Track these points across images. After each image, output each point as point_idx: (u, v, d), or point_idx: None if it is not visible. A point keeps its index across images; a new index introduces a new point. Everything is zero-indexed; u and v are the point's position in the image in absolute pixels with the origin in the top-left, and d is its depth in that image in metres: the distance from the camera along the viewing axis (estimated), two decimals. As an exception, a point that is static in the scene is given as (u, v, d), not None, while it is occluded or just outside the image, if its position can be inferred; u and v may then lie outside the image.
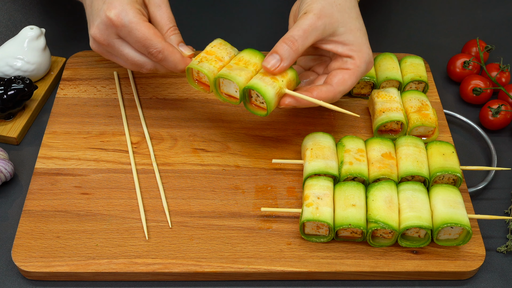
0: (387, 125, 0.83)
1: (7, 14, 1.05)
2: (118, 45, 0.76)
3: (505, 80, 0.93)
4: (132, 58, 0.76)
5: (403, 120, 0.82)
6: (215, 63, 0.75)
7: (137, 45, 0.74)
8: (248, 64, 0.75)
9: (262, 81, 0.73)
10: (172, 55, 0.75)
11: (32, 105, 0.88)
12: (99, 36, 0.75)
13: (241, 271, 0.71)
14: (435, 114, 0.83)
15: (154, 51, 0.74)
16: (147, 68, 0.77)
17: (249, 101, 0.76)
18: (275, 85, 0.73)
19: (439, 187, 0.75)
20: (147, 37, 0.73)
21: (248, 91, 0.75)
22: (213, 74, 0.75)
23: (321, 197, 0.73)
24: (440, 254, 0.73)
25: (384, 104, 0.83)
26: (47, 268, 0.70)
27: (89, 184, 0.78)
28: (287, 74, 0.74)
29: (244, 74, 0.74)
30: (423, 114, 0.83)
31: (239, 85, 0.73)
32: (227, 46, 0.78)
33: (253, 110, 0.76)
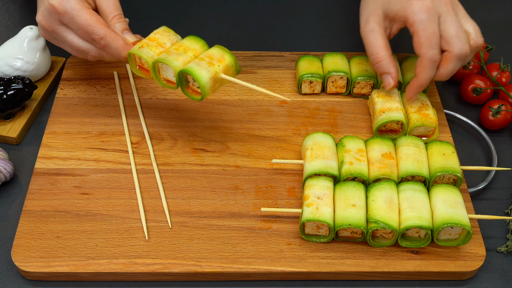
0: (387, 125, 0.83)
1: (6, 14, 1.05)
2: (62, 31, 0.78)
3: (506, 80, 0.93)
4: (76, 44, 0.78)
5: (403, 120, 0.82)
6: (155, 49, 0.76)
7: (80, 31, 0.76)
8: (188, 49, 0.76)
9: (197, 65, 0.74)
10: (114, 42, 0.76)
11: (32, 105, 0.88)
12: (44, 22, 0.78)
13: (241, 271, 0.71)
14: (435, 114, 0.83)
15: (97, 37, 0.76)
16: (91, 54, 0.79)
17: (186, 85, 0.77)
18: (210, 70, 0.73)
19: (439, 187, 0.75)
20: (89, 24, 0.75)
21: (185, 76, 0.76)
22: (152, 59, 0.76)
23: (321, 197, 0.73)
24: (440, 254, 0.73)
25: (384, 104, 0.83)
26: (47, 268, 0.70)
27: (89, 184, 0.78)
28: (225, 59, 0.75)
29: (182, 59, 0.75)
30: (423, 114, 0.83)
31: (175, 69, 0.74)
32: (170, 33, 0.79)
33: (189, 94, 0.77)
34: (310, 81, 0.89)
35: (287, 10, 1.08)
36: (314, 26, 1.06)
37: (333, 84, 0.89)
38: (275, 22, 1.06)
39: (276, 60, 0.95)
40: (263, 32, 1.04)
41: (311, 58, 0.91)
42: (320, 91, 0.90)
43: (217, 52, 0.76)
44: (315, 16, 1.08)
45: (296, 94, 0.91)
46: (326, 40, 1.03)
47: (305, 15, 1.07)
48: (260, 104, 0.89)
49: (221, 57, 0.75)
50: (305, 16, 1.07)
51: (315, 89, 0.90)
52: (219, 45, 0.77)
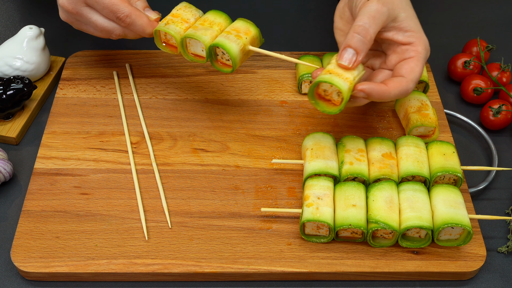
0: (327, 92, 0.72)
1: (6, 14, 1.05)
2: (87, 12, 0.79)
3: (506, 80, 0.93)
4: (101, 24, 0.79)
5: (343, 92, 0.70)
6: (181, 25, 0.79)
7: (105, 11, 0.77)
8: (213, 24, 0.79)
9: (226, 39, 0.76)
10: (139, 19, 0.78)
11: (31, 105, 0.88)
12: (67, 4, 0.78)
13: (241, 271, 0.71)
14: (435, 114, 0.83)
15: (122, 16, 0.77)
16: (116, 33, 0.80)
17: (215, 59, 0.79)
18: (239, 42, 0.76)
19: (440, 187, 0.75)
20: (114, 3, 0.76)
21: (214, 50, 0.78)
22: (179, 35, 0.78)
23: (321, 197, 0.73)
24: (441, 254, 0.73)
25: (337, 69, 0.72)
26: (46, 269, 0.70)
27: (88, 184, 0.78)
28: (250, 31, 0.78)
29: (210, 33, 0.77)
30: (423, 114, 0.83)
31: (205, 43, 0.77)
32: (192, 9, 0.81)
33: (219, 67, 0.79)
34: (310, 81, 0.89)
35: (287, 10, 1.08)
36: (315, 26, 1.06)
37: (333, 84, 0.89)
38: (275, 22, 1.06)
39: (277, 60, 0.95)
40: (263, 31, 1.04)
41: (311, 58, 0.91)
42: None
43: (242, 25, 0.79)
44: (315, 15, 1.08)
45: (296, 94, 0.90)
46: (327, 40, 1.03)
47: (305, 15, 1.07)
48: (260, 104, 0.89)
49: (247, 29, 0.78)
50: (306, 16, 1.07)
51: (315, 89, 0.90)
52: (242, 18, 0.79)
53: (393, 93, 0.72)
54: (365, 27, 0.71)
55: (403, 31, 0.75)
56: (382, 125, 0.87)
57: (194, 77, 0.92)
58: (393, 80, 0.73)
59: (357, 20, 0.72)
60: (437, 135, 0.83)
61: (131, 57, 0.94)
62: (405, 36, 0.75)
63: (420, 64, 0.74)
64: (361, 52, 0.71)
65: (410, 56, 0.74)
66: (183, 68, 0.93)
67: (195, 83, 0.91)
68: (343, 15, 0.80)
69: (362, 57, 0.71)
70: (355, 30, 0.71)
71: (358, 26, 0.71)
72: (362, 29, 0.71)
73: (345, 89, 0.70)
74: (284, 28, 1.05)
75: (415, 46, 0.74)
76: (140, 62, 0.94)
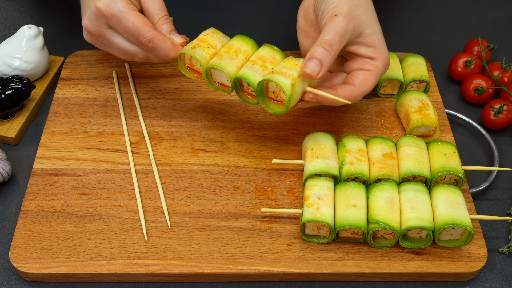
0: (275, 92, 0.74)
1: (5, 13, 1.04)
2: (109, 35, 0.77)
3: (507, 79, 0.93)
4: (124, 47, 0.78)
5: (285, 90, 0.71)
6: (207, 50, 0.76)
7: (127, 34, 0.76)
8: (239, 52, 0.76)
9: (251, 70, 0.73)
10: (162, 44, 0.76)
11: (30, 105, 0.88)
12: (90, 26, 0.77)
13: (241, 272, 0.70)
14: (436, 113, 0.83)
15: (144, 40, 0.75)
16: (139, 57, 0.78)
17: (241, 89, 0.76)
18: (265, 74, 0.73)
19: (441, 187, 0.74)
20: (136, 27, 0.75)
21: (239, 80, 0.75)
22: (205, 60, 0.75)
23: (321, 198, 0.72)
24: (442, 255, 0.72)
25: (282, 69, 0.73)
26: (45, 269, 0.70)
27: (87, 185, 0.78)
28: (276, 60, 0.75)
29: (235, 63, 0.74)
30: (423, 114, 0.82)
31: (230, 75, 0.74)
32: (219, 35, 0.78)
33: (245, 98, 0.76)
34: (310, 81, 0.88)
35: (287, 9, 1.08)
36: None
37: (333, 83, 0.89)
38: (275, 21, 1.06)
39: (276, 60, 0.95)
40: (263, 31, 1.04)
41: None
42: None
43: (268, 53, 0.75)
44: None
45: (296, 93, 0.90)
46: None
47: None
48: (260, 103, 0.88)
49: (272, 58, 0.75)
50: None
51: (316, 89, 0.89)
52: (268, 44, 0.77)
53: (341, 100, 0.74)
54: (331, 43, 0.72)
55: (365, 46, 0.76)
56: (383, 125, 0.86)
57: (194, 76, 0.92)
58: (344, 88, 0.75)
59: (324, 34, 0.73)
60: (438, 135, 0.83)
61: (131, 56, 0.94)
62: (367, 51, 0.76)
63: (374, 79, 0.76)
64: (326, 65, 0.72)
65: (367, 68, 0.76)
66: (182, 68, 0.93)
67: (195, 83, 0.91)
68: (307, 17, 0.79)
69: (326, 69, 0.72)
70: (321, 44, 0.72)
71: (324, 41, 0.72)
72: (328, 45, 0.72)
73: (286, 84, 0.70)
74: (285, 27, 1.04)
75: (375, 62, 0.76)
76: (140, 61, 0.93)
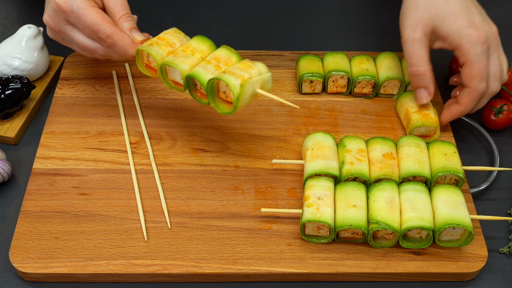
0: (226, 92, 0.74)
1: (4, 13, 1.04)
2: (69, 30, 0.78)
3: (508, 79, 0.93)
4: (84, 43, 0.78)
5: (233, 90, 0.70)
6: (165, 48, 0.76)
7: (87, 30, 0.76)
8: (195, 51, 0.75)
9: (204, 69, 0.73)
10: (121, 40, 0.76)
11: (30, 105, 0.87)
12: (51, 22, 0.78)
13: (241, 272, 0.70)
14: (436, 113, 0.83)
15: (103, 36, 0.76)
16: (99, 53, 0.78)
17: (194, 88, 0.76)
18: (217, 74, 0.72)
19: (441, 187, 0.74)
20: (95, 22, 0.75)
21: (192, 79, 0.75)
22: (161, 57, 0.75)
23: (321, 198, 0.72)
24: (442, 255, 0.72)
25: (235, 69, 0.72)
26: (45, 269, 0.70)
27: (87, 185, 0.78)
28: (231, 61, 0.74)
29: (189, 61, 0.74)
30: (423, 114, 0.82)
31: (182, 73, 0.74)
32: (180, 34, 0.78)
33: (197, 98, 0.76)
34: (310, 81, 0.88)
35: (287, 9, 1.08)
36: (315, 25, 1.05)
37: (333, 83, 0.89)
38: (276, 21, 1.06)
39: (276, 59, 0.95)
40: (263, 31, 1.04)
41: (311, 57, 0.90)
42: (321, 90, 0.90)
43: (224, 54, 0.75)
44: (315, 15, 1.07)
45: (296, 93, 0.90)
46: (327, 39, 1.03)
47: (305, 14, 1.07)
48: (260, 104, 0.88)
49: (227, 59, 0.74)
50: (306, 15, 1.07)
51: (316, 89, 0.89)
52: (226, 46, 0.76)
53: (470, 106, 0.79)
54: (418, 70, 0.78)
55: (443, 39, 0.78)
56: (383, 125, 0.86)
57: (193, 76, 0.91)
58: (462, 95, 0.79)
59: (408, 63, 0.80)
60: (438, 135, 0.83)
61: (131, 56, 0.94)
62: (447, 44, 0.78)
63: (472, 66, 0.76)
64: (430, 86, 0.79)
65: (462, 62, 0.78)
66: (182, 68, 0.92)
67: (194, 83, 0.91)
68: None
69: (433, 89, 0.80)
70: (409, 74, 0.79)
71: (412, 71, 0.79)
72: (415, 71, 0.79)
73: (234, 84, 0.70)
74: (285, 27, 1.04)
75: (461, 50, 0.77)
76: (140, 61, 0.93)
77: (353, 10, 1.08)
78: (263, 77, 0.72)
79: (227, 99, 0.74)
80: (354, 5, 1.09)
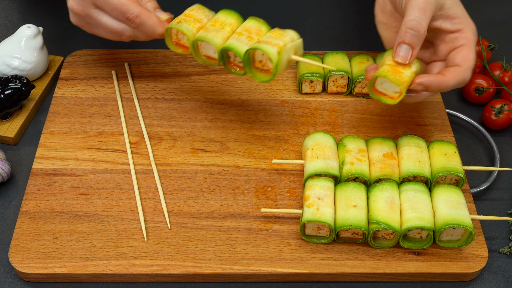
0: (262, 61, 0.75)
1: (4, 13, 1.04)
2: (96, 14, 0.78)
3: (508, 79, 0.93)
4: (111, 26, 0.78)
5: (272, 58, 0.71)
6: (193, 24, 0.77)
7: (114, 12, 0.76)
8: (224, 24, 0.77)
9: (238, 41, 0.74)
10: (149, 19, 0.77)
11: (30, 105, 0.87)
12: (76, 7, 0.78)
13: (241, 272, 0.70)
14: (410, 77, 0.73)
15: (131, 16, 0.76)
16: (126, 35, 0.79)
17: (228, 61, 0.77)
18: (251, 45, 0.74)
19: (441, 187, 0.74)
20: (122, 3, 0.76)
21: (225, 52, 0.76)
22: (192, 33, 0.76)
23: (322, 198, 0.72)
24: (442, 255, 0.72)
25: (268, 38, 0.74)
26: (44, 270, 0.69)
27: (87, 185, 0.77)
28: (262, 31, 0.76)
29: (221, 35, 0.75)
30: (395, 70, 0.73)
31: (216, 46, 0.75)
32: (205, 10, 0.80)
33: (232, 70, 0.77)
34: (310, 81, 0.88)
35: (287, 9, 1.07)
36: (315, 25, 1.05)
37: (334, 83, 0.89)
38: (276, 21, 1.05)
39: (276, 59, 0.94)
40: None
41: (311, 57, 0.90)
42: (321, 90, 0.90)
43: (254, 25, 0.77)
44: (316, 15, 1.07)
45: (296, 93, 0.90)
46: (327, 39, 1.03)
47: (305, 14, 1.07)
48: (260, 104, 0.88)
49: (258, 29, 0.76)
50: (306, 15, 1.07)
51: (316, 89, 0.89)
52: (253, 17, 0.78)
53: (452, 83, 0.73)
54: (417, 21, 0.71)
55: (450, 18, 0.75)
56: (383, 125, 0.86)
57: (193, 76, 0.91)
58: (450, 70, 0.74)
59: (408, 14, 0.72)
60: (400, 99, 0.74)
61: (130, 56, 0.94)
62: (453, 24, 0.75)
63: (472, 50, 0.74)
64: (416, 47, 0.72)
65: (461, 44, 0.75)
66: (182, 67, 0.92)
67: (194, 83, 0.91)
68: (385, 9, 0.79)
69: (417, 51, 0.72)
70: (407, 25, 0.71)
71: (410, 20, 0.71)
72: (415, 24, 0.71)
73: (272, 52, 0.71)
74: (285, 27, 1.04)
75: (464, 33, 0.75)
76: (139, 61, 0.93)
77: (354, 10, 1.08)
78: (295, 43, 0.75)
79: (263, 68, 0.75)
80: (354, 5, 1.09)
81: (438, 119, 0.87)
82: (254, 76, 0.75)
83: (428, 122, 0.86)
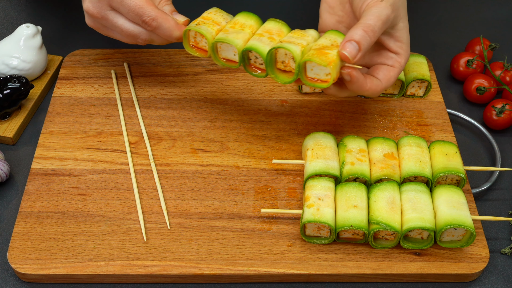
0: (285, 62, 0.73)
1: (3, 12, 1.04)
2: (112, 16, 0.77)
3: (509, 79, 0.92)
4: (127, 29, 0.77)
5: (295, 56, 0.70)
6: (212, 26, 0.76)
7: (130, 14, 0.75)
8: (244, 26, 0.75)
9: (260, 42, 0.73)
10: (166, 22, 0.75)
11: (28, 105, 0.87)
12: (92, 9, 0.77)
13: (241, 273, 0.70)
14: (338, 56, 0.70)
15: (148, 19, 0.75)
16: (142, 38, 0.78)
17: (248, 63, 0.76)
18: (273, 45, 0.72)
19: (442, 188, 0.74)
20: (139, 6, 0.74)
21: (246, 54, 0.75)
22: (211, 35, 0.75)
23: (322, 198, 0.72)
24: (443, 256, 0.72)
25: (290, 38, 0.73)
26: (43, 270, 0.69)
27: (86, 185, 0.77)
28: (284, 33, 0.75)
29: (242, 36, 0.74)
30: (322, 52, 0.70)
31: (238, 47, 0.73)
32: (223, 13, 0.78)
33: (253, 72, 0.76)
34: (310, 80, 0.88)
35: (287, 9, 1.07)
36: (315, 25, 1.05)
37: (334, 83, 0.88)
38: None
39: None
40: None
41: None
42: (321, 90, 0.89)
43: (274, 26, 0.76)
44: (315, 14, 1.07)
45: (296, 93, 0.90)
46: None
47: (305, 14, 1.06)
48: (260, 104, 0.88)
49: (279, 30, 0.75)
50: (306, 15, 1.06)
51: (316, 89, 0.89)
52: (273, 18, 0.77)
53: (367, 92, 0.73)
54: (373, 28, 0.70)
55: (395, 39, 0.75)
56: (384, 125, 0.86)
57: (193, 76, 0.91)
58: (371, 79, 0.74)
59: (367, 18, 0.71)
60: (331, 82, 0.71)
61: (130, 56, 0.94)
62: (395, 45, 0.75)
63: (396, 75, 0.75)
64: (363, 50, 0.70)
65: (392, 64, 0.75)
66: (182, 67, 0.92)
67: (194, 82, 0.90)
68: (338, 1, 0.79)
69: (363, 54, 0.70)
70: (363, 27, 0.70)
71: (368, 25, 0.70)
72: (371, 29, 0.70)
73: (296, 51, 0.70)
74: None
75: (399, 58, 0.75)
76: (139, 61, 0.93)
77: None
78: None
79: (285, 69, 0.74)
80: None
81: (439, 119, 0.87)
82: (276, 77, 0.74)
83: (429, 122, 0.86)
